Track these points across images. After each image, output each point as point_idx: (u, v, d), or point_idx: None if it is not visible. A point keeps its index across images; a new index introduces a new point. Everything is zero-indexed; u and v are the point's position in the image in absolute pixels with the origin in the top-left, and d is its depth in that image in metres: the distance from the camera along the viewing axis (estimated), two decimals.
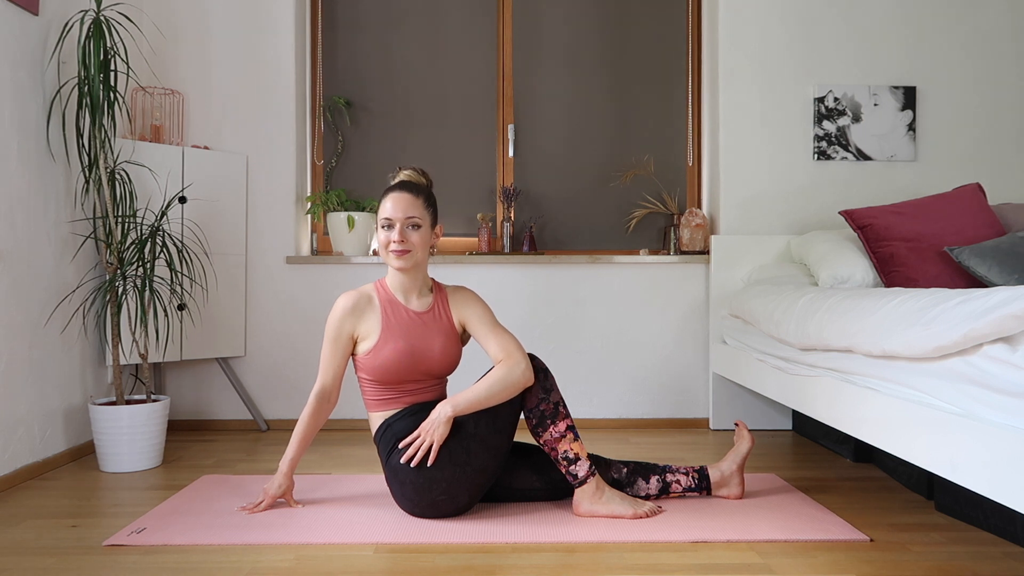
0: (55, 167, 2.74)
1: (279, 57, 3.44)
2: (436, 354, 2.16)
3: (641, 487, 2.21)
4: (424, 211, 2.15)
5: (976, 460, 1.46)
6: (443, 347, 2.17)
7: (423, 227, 2.14)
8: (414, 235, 2.12)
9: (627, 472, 2.22)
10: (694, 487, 2.25)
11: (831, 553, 1.85)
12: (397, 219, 2.11)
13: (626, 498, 2.11)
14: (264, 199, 3.44)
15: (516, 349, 2.09)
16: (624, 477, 2.21)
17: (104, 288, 2.71)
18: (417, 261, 2.15)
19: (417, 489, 2.03)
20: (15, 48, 2.54)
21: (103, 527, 2.05)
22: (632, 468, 2.23)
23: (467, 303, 2.21)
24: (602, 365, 3.47)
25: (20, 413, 2.53)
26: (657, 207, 3.64)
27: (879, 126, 3.44)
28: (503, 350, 2.09)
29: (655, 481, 2.22)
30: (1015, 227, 2.88)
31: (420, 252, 2.15)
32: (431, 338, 2.17)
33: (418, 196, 2.15)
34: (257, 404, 3.44)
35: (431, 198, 2.20)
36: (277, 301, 3.44)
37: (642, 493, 2.21)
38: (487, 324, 2.17)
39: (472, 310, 2.19)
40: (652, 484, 2.22)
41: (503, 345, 2.10)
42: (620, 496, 2.10)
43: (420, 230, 2.13)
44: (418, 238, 2.13)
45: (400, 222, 2.11)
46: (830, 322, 2.09)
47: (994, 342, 1.45)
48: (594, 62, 3.68)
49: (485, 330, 2.16)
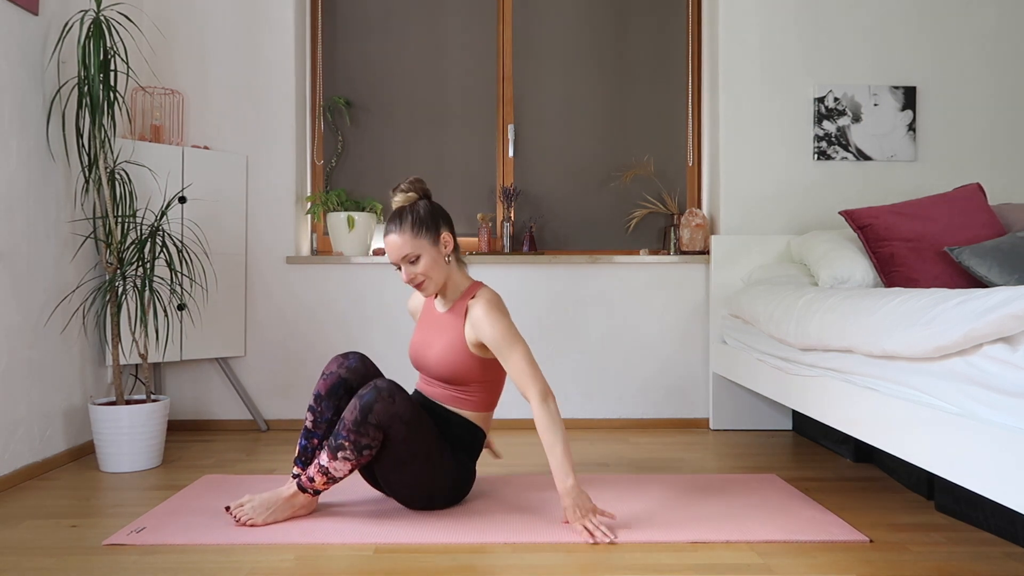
0: (55, 167, 2.74)
1: (279, 57, 3.44)
2: (432, 354, 2.18)
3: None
4: (414, 241, 2.10)
5: (976, 460, 1.46)
6: (441, 350, 2.16)
7: (422, 254, 2.11)
8: (418, 267, 2.12)
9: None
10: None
11: (831, 553, 1.85)
12: (395, 262, 2.14)
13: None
14: (264, 199, 3.44)
15: (530, 382, 2.04)
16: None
17: (104, 288, 2.71)
18: (438, 281, 2.16)
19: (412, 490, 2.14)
20: (15, 48, 2.54)
21: (103, 527, 2.05)
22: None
23: (480, 325, 2.10)
24: (602, 365, 3.47)
25: (20, 413, 2.53)
26: (657, 207, 3.64)
27: (879, 126, 3.44)
28: (519, 383, 2.06)
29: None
30: (1015, 227, 2.88)
31: (434, 274, 2.14)
32: (434, 339, 2.20)
33: (402, 231, 2.10)
34: (257, 404, 3.44)
35: (420, 218, 2.12)
36: (277, 301, 3.44)
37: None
38: (501, 350, 2.08)
39: (484, 332, 2.09)
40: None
41: (517, 379, 2.06)
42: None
43: (421, 259, 2.12)
44: (423, 267, 2.12)
45: (400, 263, 2.14)
46: (830, 322, 2.09)
47: (994, 342, 1.45)
48: (594, 62, 3.68)
49: (501, 356, 2.08)
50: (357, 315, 3.45)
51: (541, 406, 2.02)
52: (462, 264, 2.25)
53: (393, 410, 1.99)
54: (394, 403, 2.00)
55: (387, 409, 1.99)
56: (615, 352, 3.48)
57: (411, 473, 2.08)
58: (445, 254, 2.16)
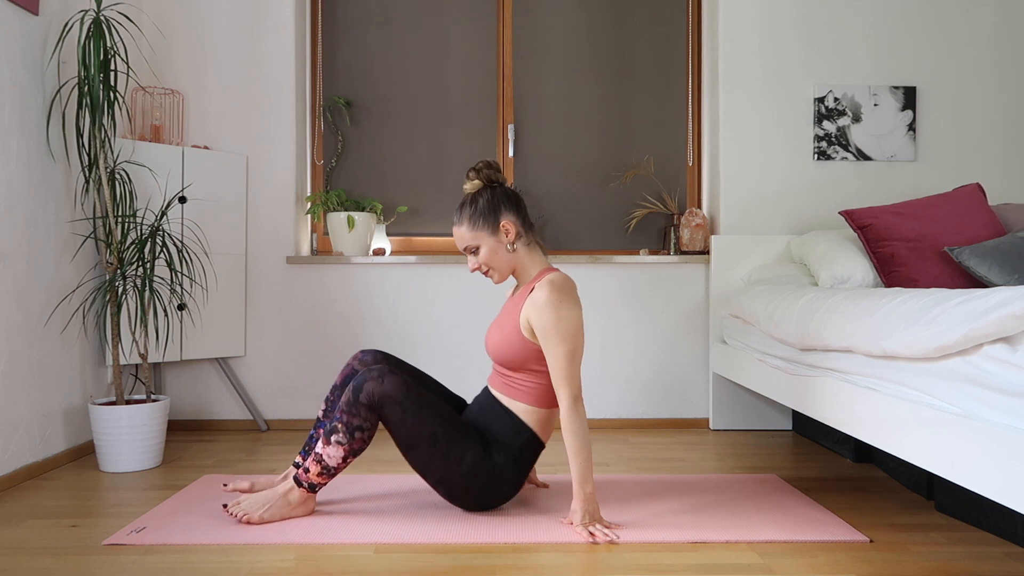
0: (55, 167, 2.74)
1: (279, 57, 3.44)
2: (492, 335, 2.17)
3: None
4: (472, 232, 2.13)
5: (976, 460, 1.46)
6: (498, 333, 2.15)
7: (483, 245, 2.14)
8: (480, 257, 2.15)
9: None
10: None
11: (831, 553, 1.85)
12: (463, 250, 2.19)
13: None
14: (264, 199, 3.44)
15: (564, 382, 2.01)
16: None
17: (104, 288, 2.71)
18: (502, 270, 2.17)
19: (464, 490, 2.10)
20: (15, 48, 2.54)
21: (103, 527, 2.05)
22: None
23: (536, 308, 2.04)
24: (602, 365, 3.47)
25: (20, 413, 2.53)
26: (657, 207, 3.64)
27: (879, 126, 3.44)
28: (553, 379, 2.03)
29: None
30: (1015, 227, 2.88)
31: (499, 263, 2.15)
32: (500, 321, 2.18)
33: (460, 223, 2.15)
34: (257, 404, 3.44)
35: (478, 209, 2.13)
36: (277, 301, 3.44)
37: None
38: (546, 339, 2.02)
39: (535, 316, 2.04)
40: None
41: (553, 375, 2.03)
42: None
43: (481, 250, 2.14)
44: (483, 257, 2.15)
45: (466, 252, 2.19)
46: (830, 322, 2.09)
47: (994, 342, 1.45)
48: (594, 62, 3.68)
49: (545, 347, 2.04)
50: (357, 315, 3.45)
51: (570, 410, 1.99)
52: (535, 248, 2.19)
53: (382, 390, 2.00)
54: (383, 383, 2.01)
55: (376, 388, 2.00)
56: (615, 352, 3.48)
57: (419, 459, 2.06)
58: (507, 243, 2.14)
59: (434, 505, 2.23)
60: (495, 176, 2.17)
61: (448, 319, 3.46)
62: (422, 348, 3.46)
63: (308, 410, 3.44)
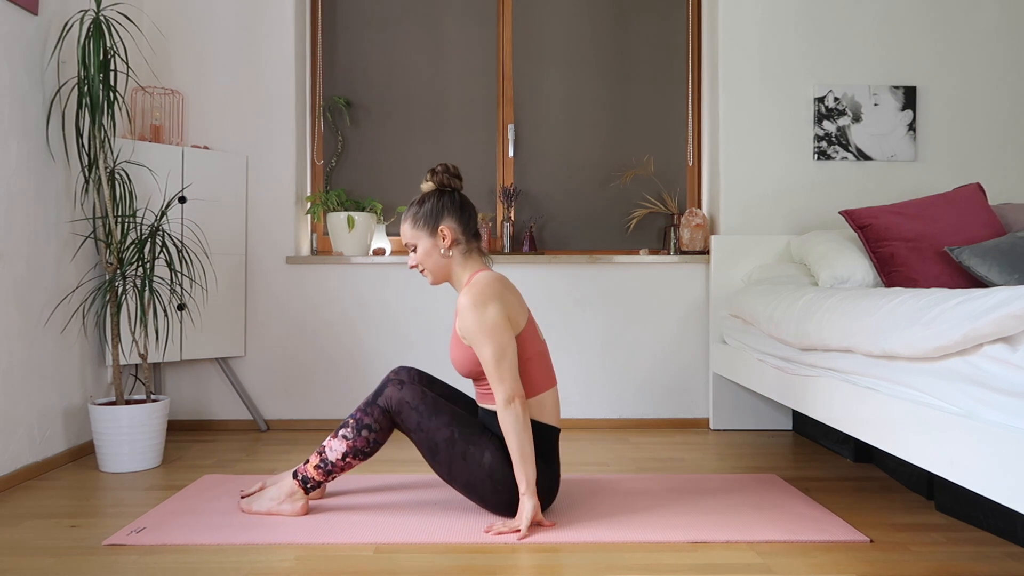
0: (55, 167, 2.74)
1: (279, 57, 3.44)
2: (451, 351, 2.17)
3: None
4: (413, 230, 2.17)
5: (976, 460, 1.45)
6: (452, 348, 2.16)
7: (420, 245, 2.17)
8: (418, 255, 2.19)
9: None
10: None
11: (831, 553, 1.85)
12: (404, 245, 2.24)
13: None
14: (264, 199, 3.44)
15: (494, 384, 2.01)
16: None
17: (104, 288, 2.71)
18: (435, 273, 2.19)
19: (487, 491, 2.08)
20: (15, 48, 2.54)
21: (103, 527, 2.05)
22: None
23: (460, 315, 2.06)
24: (602, 365, 3.47)
25: (20, 413, 2.53)
26: (657, 207, 3.64)
27: (879, 126, 3.44)
28: (489, 383, 2.05)
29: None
30: (1015, 227, 2.88)
31: (432, 265, 2.17)
32: (453, 335, 2.19)
33: (406, 219, 2.19)
34: (257, 404, 3.44)
35: (422, 210, 2.15)
36: (277, 301, 3.44)
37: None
38: (474, 346, 2.04)
39: (461, 325, 2.06)
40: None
41: (488, 379, 2.04)
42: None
43: (419, 248, 2.18)
44: (420, 256, 2.18)
45: (407, 248, 2.23)
46: (830, 322, 2.09)
47: (994, 342, 1.45)
48: (594, 62, 3.68)
49: (476, 352, 2.06)
50: (357, 315, 3.45)
51: (503, 411, 1.99)
52: (474, 257, 2.18)
53: (399, 395, 2.07)
54: (402, 389, 2.08)
55: (394, 394, 2.08)
56: (615, 352, 3.48)
57: (443, 464, 2.06)
58: (442, 247, 2.16)
59: (434, 505, 2.23)
60: (449, 181, 2.20)
61: (447, 319, 3.46)
62: (421, 348, 3.46)
63: (308, 410, 3.44)
